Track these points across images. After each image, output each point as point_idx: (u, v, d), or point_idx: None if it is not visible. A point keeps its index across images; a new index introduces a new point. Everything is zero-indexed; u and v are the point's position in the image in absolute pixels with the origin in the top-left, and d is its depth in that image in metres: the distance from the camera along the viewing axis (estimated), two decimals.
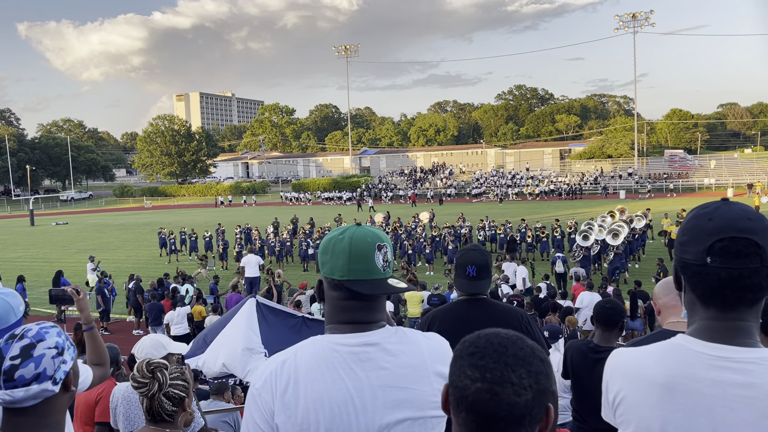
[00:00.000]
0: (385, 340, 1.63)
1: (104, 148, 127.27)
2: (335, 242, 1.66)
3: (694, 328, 1.43)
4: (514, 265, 17.11)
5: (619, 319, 3.56)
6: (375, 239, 1.65)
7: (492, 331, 1.20)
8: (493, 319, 2.89)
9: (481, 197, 60.79)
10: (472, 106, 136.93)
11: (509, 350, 1.13)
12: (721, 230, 1.35)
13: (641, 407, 1.42)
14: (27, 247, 35.25)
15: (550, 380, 1.15)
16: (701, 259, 1.36)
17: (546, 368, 1.14)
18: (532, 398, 1.10)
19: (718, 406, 1.31)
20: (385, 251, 1.66)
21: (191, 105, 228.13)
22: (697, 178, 59.85)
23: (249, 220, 35.73)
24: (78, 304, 2.81)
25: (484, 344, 1.16)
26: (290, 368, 1.58)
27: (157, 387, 2.30)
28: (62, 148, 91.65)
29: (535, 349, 1.16)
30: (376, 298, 1.66)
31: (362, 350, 1.60)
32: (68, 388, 1.68)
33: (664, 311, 2.69)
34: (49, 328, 1.69)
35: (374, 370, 1.58)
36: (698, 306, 1.42)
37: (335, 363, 1.58)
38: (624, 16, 67.08)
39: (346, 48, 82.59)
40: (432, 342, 1.71)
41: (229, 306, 13.42)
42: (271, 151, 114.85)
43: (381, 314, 1.68)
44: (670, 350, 1.43)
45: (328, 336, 1.64)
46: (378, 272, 1.64)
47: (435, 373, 1.64)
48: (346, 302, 1.64)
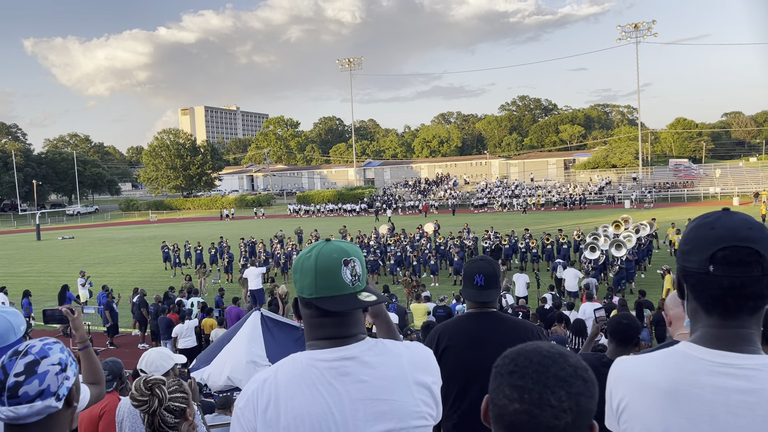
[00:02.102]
0: (363, 353, 1.63)
1: (110, 163, 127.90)
2: (303, 260, 1.68)
3: (697, 336, 1.45)
4: (525, 276, 17.19)
5: (635, 335, 3.52)
6: (341, 255, 1.65)
7: (533, 347, 1.16)
8: (502, 335, 2.88)
9: (485, 208, 60.74)
10: (476, 117, 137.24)
11: (550, 370, 1.10)
12: (722, 239, 1.37)
13: (645, 414, 1.43)
14: (33, 262, 35.37)
15: (593, 401, 1.12)
16: (704, 267, 1.39)
17: (589, 389, 1.11)
18: (572, 421, 1.08)
19: (720, 412, 1.33)
20: (353, 265, 1.66)
21: (196, 119, 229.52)
22: (702, 187, 59.68)
23: (253, 233, 35.78)
24: (73, 323, 2.82)
25: (524, 363, 1.13)
26: (271, 386, 1.60)
27: (157, 403, 2.30)
28: (68, 162, 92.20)
29: (578, 368, 1.13)
30: (349, 313, 1.66)
31: (340, 364, 1.60)
32: (71, 404, 1.68)
33: (675, 322, 2.68)
34: (53, 344, 1.69)
35: (353, 383, 1.59)
36: (701, 314, 1.44)
37: (314, 379, 1.59)
38: (626, 27, 67.24)
39: (349, 61, 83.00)
40: (412, 352, 1.71)
41: (228, 318, 13.44)
42: (275, 163, 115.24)
43: (358, 327, 1.69)
44: (673, 357, 1.45)
45: (307, 352, 1.66)
46: (346, 287, 1.64)
47: (416, 382, 1.64)
48: (319, 319, 1.66)
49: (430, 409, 1.65)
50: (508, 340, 2.94)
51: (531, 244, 24.14)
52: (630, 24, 66.95)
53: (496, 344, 1.90)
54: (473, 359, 2.84)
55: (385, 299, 1.81)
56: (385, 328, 2.27)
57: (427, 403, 1.64)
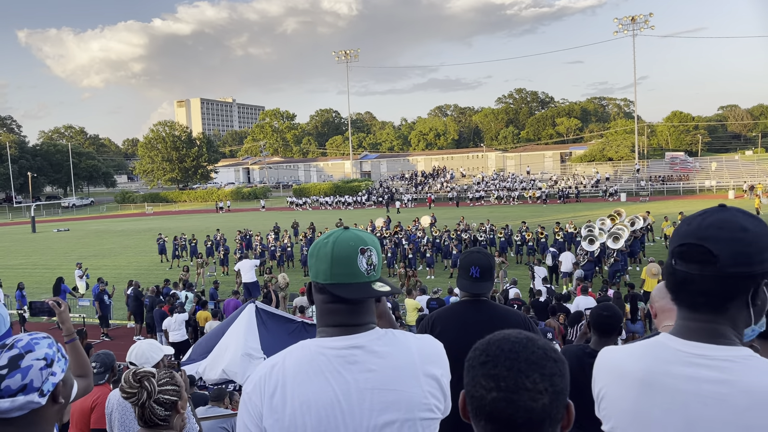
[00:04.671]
0: (372, 342, 1.63)
1: (105, 155, 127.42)
2: (320, 246, 1.68)
3: (675, 327, 1.49)
4: (544, 270, 17.18)
5: (617, 326, 3.54)
6: (358, 243, 1.66)
7: (502, 336, 1.20)
8: (494, 321, 2.92)
9: (481, 201, 60.76)
10: (473, 109, 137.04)
11: (521, 355, 1.14)
12: (687, 236, 1.42)
13: (620, 402, 1.47)
14: (28, 254, 35.29)
15: (565, 380, 1.15)
16: (669, 260, 1.47)
17: (560, 368, 1.15)
18: (549, 401, 1.11)
19: (692, 402, 1.35)
20: (369, 254, 1.66)
21: (192, 111, 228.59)
22: (698, 180, 59.80)
23: (249, 225, 35.72)
24: (59, 315, 2.82)
25: (495, 352, 1.16)
26: (279, 372, 1.60)
27: (146, 395, 2.30)
28: (63, 154, 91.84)
29: (547, 350, 1.16)
30: (362, 301, 1.66)
31: (349, 353, 1.60)
32: (56, 400, 1.65)
33: (660, 314, 2.68)
34: (41, 339, 1.66)
35: (361, 372, 1.58)
36: (677, 306, 1.49)
37: (322, 366, 1.58)
38: (623, 19, 67.20)
39: (345, 53, 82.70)
40: (423, 343, 1.70)
41: (227, 311, 13.43)
42: (272, 156, 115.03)
43: (369, 317, 1.69)
44: (652, 348, 1.48)
45: (317, 340, 1.65)
46: (361, 276, 1.64)
47: (425, 374, 1.63)
48: (331, 305, 1.66)
49: (437, 401, 1.64)
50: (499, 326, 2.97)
51: (527, 236, 24.23)
52: (627, 17, 66.96)
53: (488, 330, 1.91)
54: (465, 344, 2.86)
55: (399, 290, 1.80)
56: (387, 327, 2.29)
57: (435, 395, 1.64)
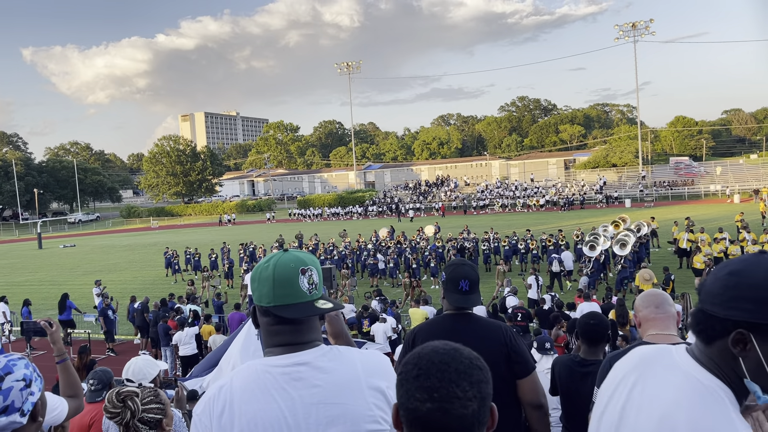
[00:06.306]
0: (317, 358, 1.68)
1: (111, 170, 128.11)
2: (261, 270, 1.74)
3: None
4: (538, 279, 17.16)
5: (604, 334, 3.53)
6: (298, 264, 1.71)
7: (430, 349, 1.25)
8: (477, 334, 2.90)
9: (486, 209, 60.71)
10: (476, 118, 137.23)
11: (451, 366, 1.20)
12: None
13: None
14: (35, 271, 35.42)
15: (490, 385, 1.23)
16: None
17: (485, 375, 1.23)
18: (478, 407, 1.18)
19: None
20: (310, 274, 1.72)
21: (196, 125, 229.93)
22: (703, 184, 59.61)
23: (254, 238, 35.77)
24: (51, 336, 2.83)
25: (426, 365, 1.21)
26: (226, 392, 1.65)
27: (129, 415, 2.31)
28: (69, 171, 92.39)
29: (473, 359, 1.23)
30: (305, 320, 1.71)
31: (294, 370, 1.65)
32: (35, 419, 1.69)
33: (644, 323, 2.69)
34: (17, 360, 1.70)
35: (306, 388, 1.63)
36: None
37: (268, 384, 1.63)
38: (624, 26, 67.19)
39: (348, 65, 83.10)
40: (367, 358, 1.76)
41: (230, 324, 13.44)
42: (276, 168, 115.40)
43: (314, 334, 1.74)
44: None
45: (263, 359, 1.71)
46: (304, 295, 1.70)
47: (370, 387, 1.68)
48: (276, 327, 1.71)
49: (383, 413, 1.68)
50: (483, 340, 2.94)
51: (531, 245, 24.09)
52: (628, 23, 66.94)
53: (470, 343, 1.90)
54: None
55: (341, 306, 1.86)
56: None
57: (381, 407, 1.68)
